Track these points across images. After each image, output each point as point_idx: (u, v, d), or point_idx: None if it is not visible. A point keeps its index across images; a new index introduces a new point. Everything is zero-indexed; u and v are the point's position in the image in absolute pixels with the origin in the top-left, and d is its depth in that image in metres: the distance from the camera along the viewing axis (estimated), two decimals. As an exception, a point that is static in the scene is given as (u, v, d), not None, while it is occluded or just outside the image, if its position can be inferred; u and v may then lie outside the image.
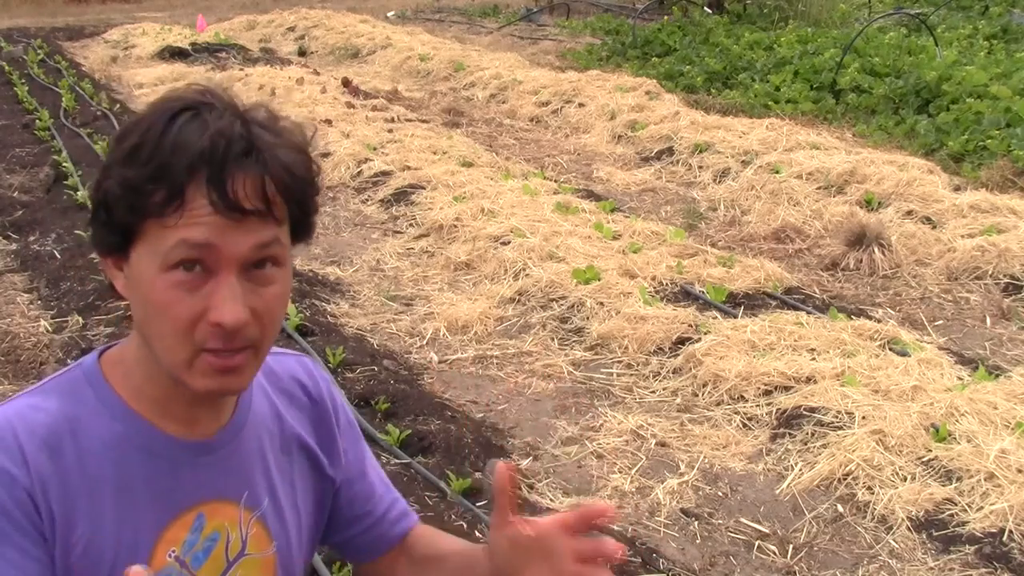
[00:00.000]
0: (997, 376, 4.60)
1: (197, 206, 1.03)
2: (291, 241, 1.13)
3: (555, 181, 8.20)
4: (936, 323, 5.55)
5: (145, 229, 1.05)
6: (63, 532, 1.08)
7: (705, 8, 17.28)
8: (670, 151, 9.09)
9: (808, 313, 5.27)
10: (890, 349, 4.85)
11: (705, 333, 5.00)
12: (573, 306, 5.50)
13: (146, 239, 1.06)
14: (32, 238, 6.72)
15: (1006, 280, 5.95)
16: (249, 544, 1.20)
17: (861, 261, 6.29)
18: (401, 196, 7.64)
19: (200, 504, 1.16)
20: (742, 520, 3.78)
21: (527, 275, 5.86)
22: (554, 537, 1.16)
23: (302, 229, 1.14)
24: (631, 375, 4.88)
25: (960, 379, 4.55)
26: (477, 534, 3.43)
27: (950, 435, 4.04)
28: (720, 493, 3.95)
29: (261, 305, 1.08)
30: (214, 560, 1.17)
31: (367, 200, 7.85)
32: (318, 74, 13.03)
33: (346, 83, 11.92)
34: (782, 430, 4.28)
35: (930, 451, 3.97)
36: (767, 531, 3.70)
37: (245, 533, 1.19)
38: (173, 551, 1.14)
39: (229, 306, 1.05)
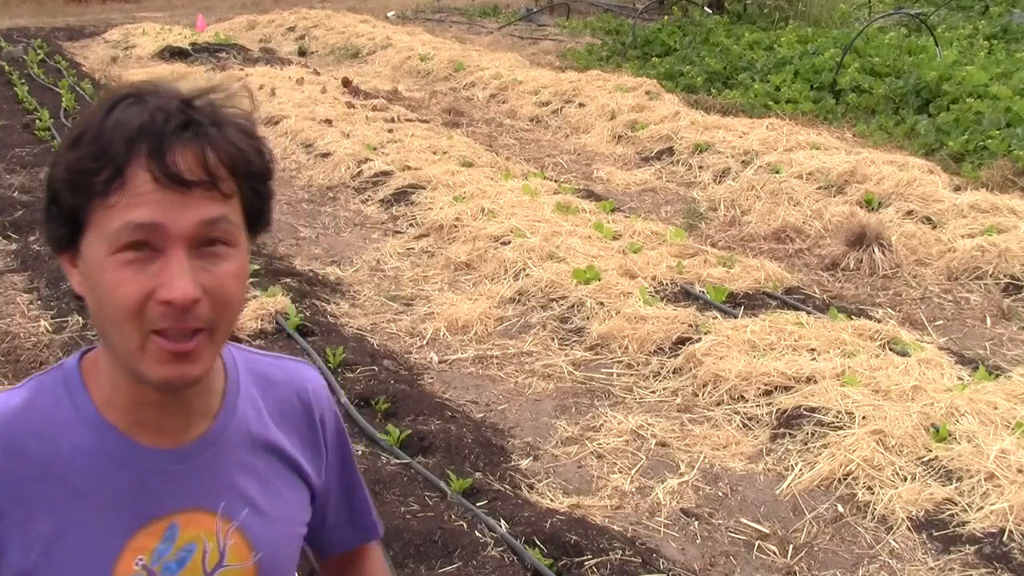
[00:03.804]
0: (997, 376, 4.60)
1: (139, 183, 1.03)
2: (248, 228, 1.12)
3: (555, 181, 8.20)
4: (936, 323, 5.54)
5: (92, 214, 1.05)
6: (20, 532, 1.09)
7: (705, 8, 17.27)
8: (670, 151, 9.09)
9: (808, 313, 5.27)
10: (890, 349, 4.84)
11: (705, 333, 5.00)
12: (573, 306, 5.49)
13: (94, 225, 1.05)
14: (32, 238, 6.71)
15: (1006, 280, 5.95)
16: (228, 555, 1.18)
17: (861, 261, 6.29)
18: (401, 196, 7.64)
19: (173, 514, 1.15)
20: (742, 520, 3.77)
21: (527, 275, 5.86)
22: None
23: (257, 215, 1.12)
24: (631, 375, 4.88)
25: (960, 379, 4.55)
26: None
27: (950, 435, 4.04)
28: (720, 493, 3.95)
29: (213, 283, 1.06)
30: (190, 571, 1.15)
31: (367, 200, 7.84)
32: (318, 74, 13.03)
33: (346, 83, 11.92)
34: (782, 430, 4.28)
35: (930, 451, 3.97)
36: (767, 531, 3.70)
37: (223, 543, 1.17)
38: (141, 559, 1.13)
39: (178, 282, 1.03)
